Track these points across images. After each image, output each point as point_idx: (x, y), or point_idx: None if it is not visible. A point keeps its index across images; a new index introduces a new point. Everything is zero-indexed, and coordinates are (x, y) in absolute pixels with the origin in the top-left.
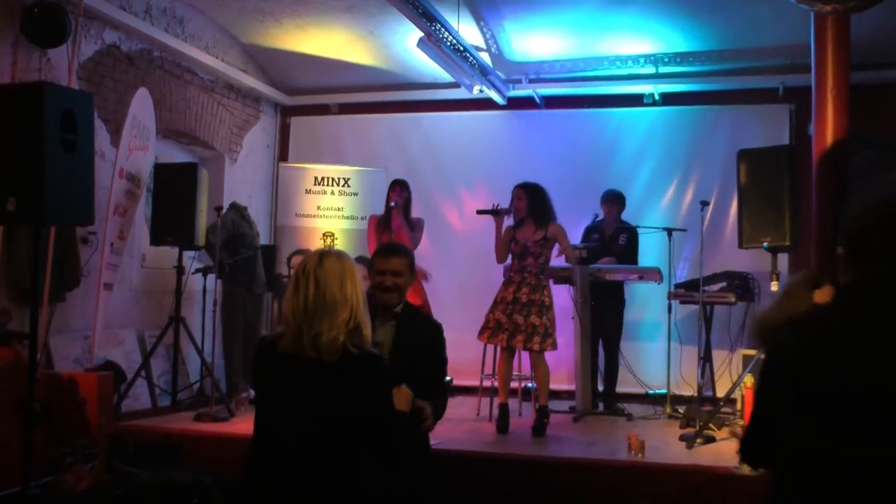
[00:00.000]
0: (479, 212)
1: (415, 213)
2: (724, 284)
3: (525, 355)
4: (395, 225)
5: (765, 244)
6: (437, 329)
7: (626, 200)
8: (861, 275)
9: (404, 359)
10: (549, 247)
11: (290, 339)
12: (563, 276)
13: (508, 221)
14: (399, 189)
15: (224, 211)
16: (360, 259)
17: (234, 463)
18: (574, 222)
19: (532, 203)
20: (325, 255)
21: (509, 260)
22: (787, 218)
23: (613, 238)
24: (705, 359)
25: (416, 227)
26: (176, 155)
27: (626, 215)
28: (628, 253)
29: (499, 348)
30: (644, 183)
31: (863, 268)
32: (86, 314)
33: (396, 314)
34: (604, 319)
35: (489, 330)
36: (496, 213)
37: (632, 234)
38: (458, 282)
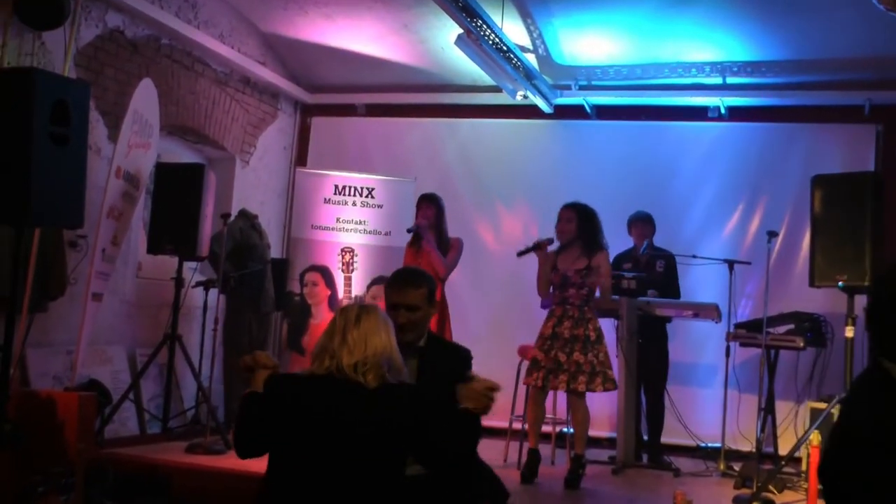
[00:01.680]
0: (520, 254)
1: (456, 229)
2: (791, 327)
3: (561, 395)
4: (425, 245)
5: (840, 283)
6: (464, 357)
7: (655, 222)
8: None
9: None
10: (592, 277)
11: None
12: (607, 309)
13: (553, 247)
14: (425, 207)
15: (232, 218)
16: (380, 280)
17: (229, 501)
18: (623, 247)
19: (582, 227)
20: (365, 310)
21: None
22: (868, 254)
23: (649, 266)
24: (767, 410)
25: (451, 248)
26: (181, 154)
27: (682, 243)
28: (668, 282)
29: (529, 387)
30: (704, 208)
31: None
32: (70, 327)
33: (420, 348)
34: (647, 358)
35: (528, 371)
36: (538, 247)
37: (668, 260)
38: (492, 311)
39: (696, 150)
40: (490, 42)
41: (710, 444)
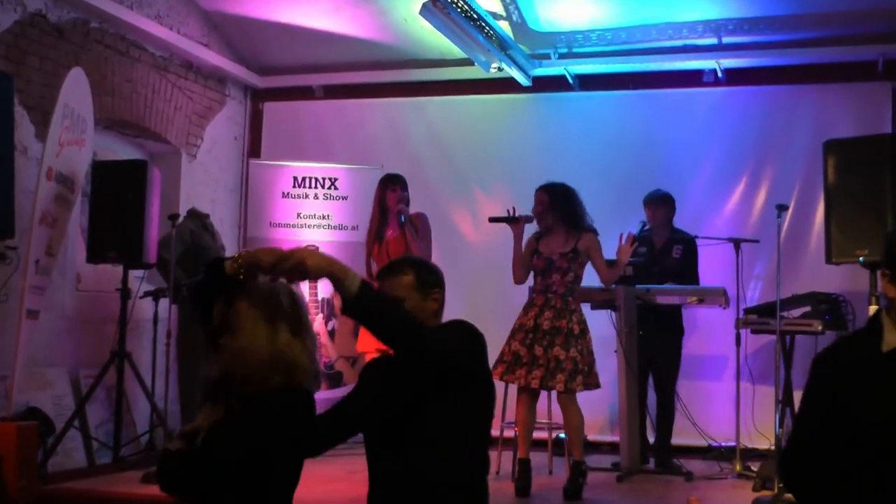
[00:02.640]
0: (493, 219)
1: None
2: (807, 309)
3: (555, 398)
4: (389, 235)
5: (861, 258)
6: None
7: (675, 203)
8: None
9: None
10: (579, 262)
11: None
12: (603, 300)
13: (531, 230)
14: (399, 189)
15: (181, 219)
16: None
17: None
18: (615, 231)
19: (558, 208)
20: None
21: (531, 280)
22: (891, 225)
23: (665, 251)
24: (785, 403)
25: (419, 228)
26: (120, 150)
27: (682, 223)
28: (685, 269)
29: (517, 390)
30: (704, 182)
31: None
32: (2, 349)
33: None
34: (656, 353)
35: (503, 364)
36: (513, 220)
37: (688, 244)
38: (471, 306)
39: (692, 119)
40: (458, 10)
41: (723, 444)
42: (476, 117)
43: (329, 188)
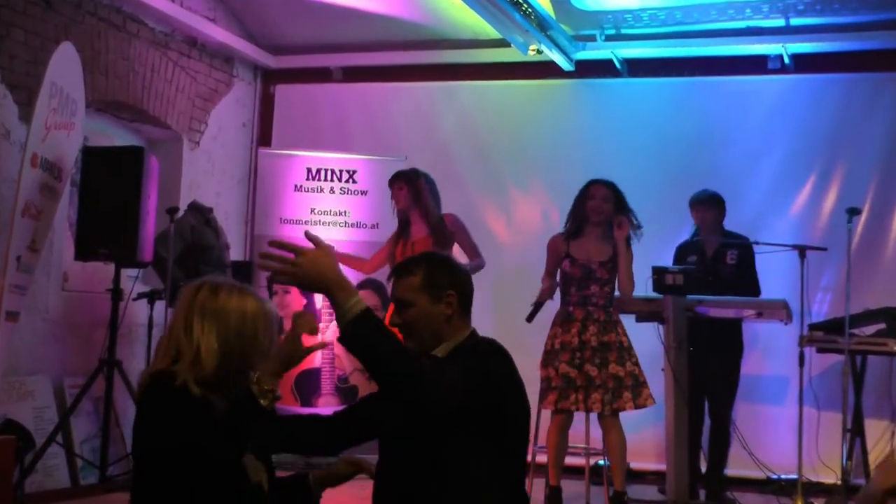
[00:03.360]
0: (529, 320)
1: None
2: (881, 326)
3: (593, 419)
4: (416, 234)
5: None
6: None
7: (725, 204)
8: None
9: None
10: (616, 271)
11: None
12: (649, 311)
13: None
14: (396, 187)
15: (180, 213)
16: (369, 283)
17: None
18: (664, 236)
19: (617, 208)
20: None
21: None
22: None
23: (718, 258)
24: (854, 432)
25: (461, 231)
26: (114, 136)
27: (740, 227)
28: (741, 278)
29: (549, 412)
30: (766, 183)
31: None
32: None
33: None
34: (710, 373)
35: (555, 391)
36: (538, 307)
37: (743, 250)
38: (504, 317)
39: (754, 110)
40: None
41: (783, 476)
42: (512, 105)
43: (347, 181)
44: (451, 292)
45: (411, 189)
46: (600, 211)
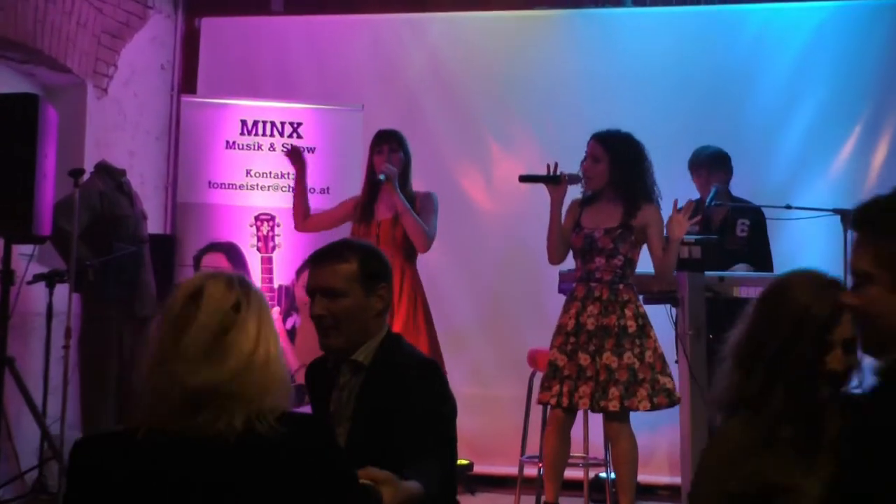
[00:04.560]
0: (525, 178)
1: (419, 183)
2: None
3: (596, 423)
4: (381, 216)
5: None
6: (423, 368)
7: (731, 162)
8: None
9: (368, 439)
10: (631, 241)
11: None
12: (660, 292)
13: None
14: (388, 149)
15: (86, 177)
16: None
17: None
18: (678, 199)
19: (617, 167)
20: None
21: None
22: None
23: (726, 228)
24: None
25: (425, 206)
26: (0, 81)
27: (769, 186)
28: (756, 251)
29: (547, 411)
30: (801, 133)
31: None
32: None
33: (358, 364)
34: None
35: (542, 382)
36: (554, 179)
37: (756, 218)
38: (485, 299)
39: (789, 45)
40: None
41: None
42: (491, 42)
43: (290, 136)
44: (384, 284)
45: (404, 155)
46: (591, 174)
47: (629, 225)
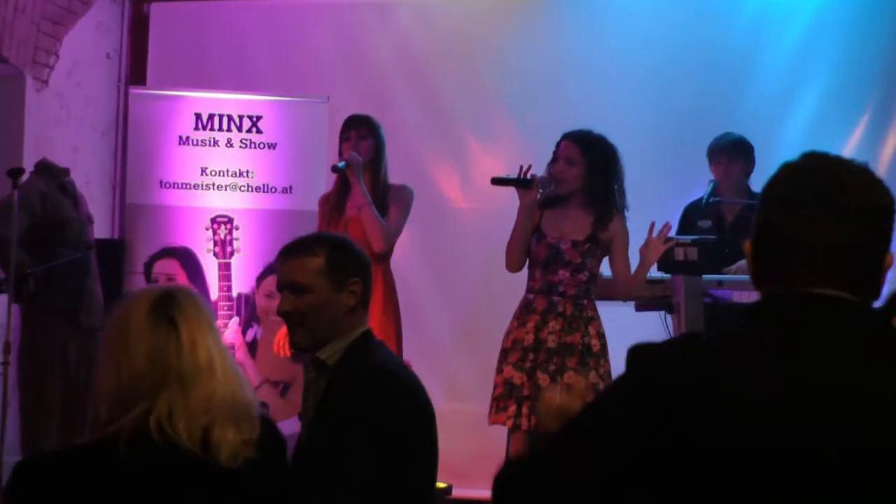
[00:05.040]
0: (497, 181)
1: (396, 175)
2: None
3: None
4: (351, 206)
5: None
6: (371, 373)
7: (754, 154)
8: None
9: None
10: (597, 257)
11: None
12: (650, 297)
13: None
14: (357, 135)
15: (26, 177)
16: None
17: None
18: (670, 196)
19: (592, 172)
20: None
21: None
22: None
23: (739, 225)
24: None
25: (394, 200)
26: None
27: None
28: None
29: (507, 433)
30: (805, 122)
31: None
32: None
33: (322, 364)
34: None
35: (495, 402)
36: (525, 182)
37: None
38: (462, 308)
39: (791, 26)
40: None
41: None
42: (468, 27)
43: (250, 131)
44: (356, 280)
45: (376, 142)
46: (562, 177)
47: (598, 238)
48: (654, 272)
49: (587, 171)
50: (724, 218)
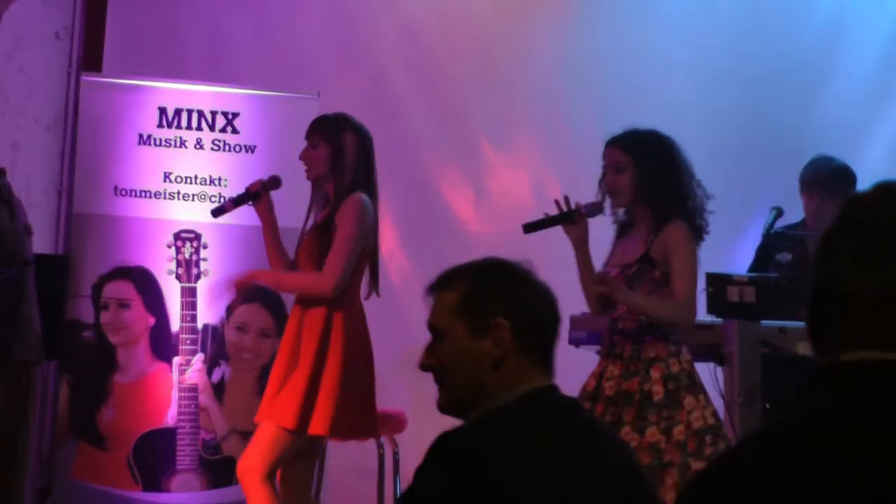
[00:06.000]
0: (530, 227)
1: (396, 190)
2: None
3: None
4: (309, 225)
5: None
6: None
7: (856, 182)
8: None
9: None
10: (654, 277)
11: None
12: (700, 345)
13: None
14: (309, 145)
15: None
16: (260, 295)
17: None
18: (727, 222)
19: (643, 172)
20: None
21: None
22: None
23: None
24: None
25: (338, 224)
26: None
27: None
28: None
29: None
30: (891, 138)
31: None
32: None
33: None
34: None
35: None
36: (566, 218)
37: None
38: None
39: (874, 25)
40: None
41: None
42: (483, 13)
43: (223, 130)
44: (501, 321)
45: (332, 148)
46: (614, 188)
47: (649, 257)
48: (703, 315)
49: (637, 173)
50: (807, 251)
